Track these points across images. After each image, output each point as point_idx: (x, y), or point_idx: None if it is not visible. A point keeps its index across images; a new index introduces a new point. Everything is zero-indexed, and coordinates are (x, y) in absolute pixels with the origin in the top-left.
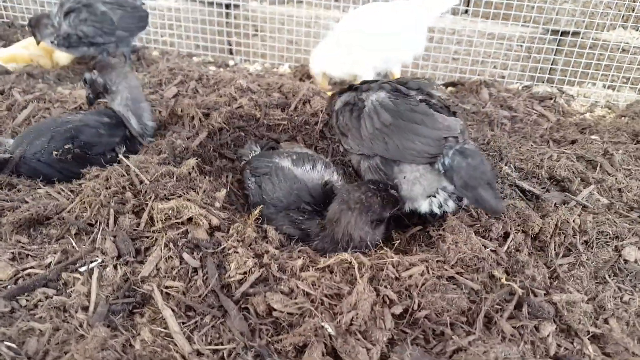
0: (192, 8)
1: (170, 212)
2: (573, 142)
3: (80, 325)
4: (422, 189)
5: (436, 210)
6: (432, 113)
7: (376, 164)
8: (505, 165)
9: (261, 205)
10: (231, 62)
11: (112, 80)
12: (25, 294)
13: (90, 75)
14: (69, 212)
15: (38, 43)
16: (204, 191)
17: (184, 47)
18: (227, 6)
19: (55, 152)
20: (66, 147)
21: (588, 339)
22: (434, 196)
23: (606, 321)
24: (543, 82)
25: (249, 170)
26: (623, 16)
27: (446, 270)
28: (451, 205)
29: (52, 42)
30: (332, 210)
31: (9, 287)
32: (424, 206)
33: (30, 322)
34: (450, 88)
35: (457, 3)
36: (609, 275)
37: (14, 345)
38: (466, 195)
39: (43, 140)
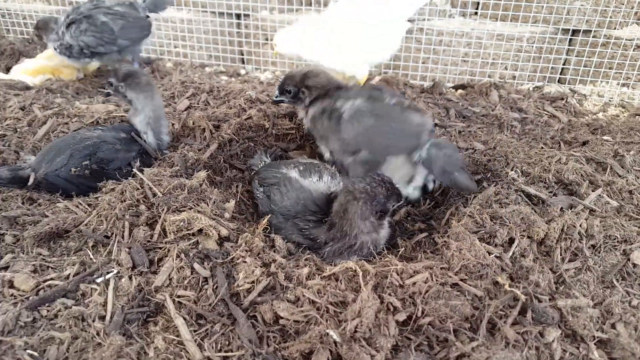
0: (203, 19)
1: (182, 223)
2: (584, 143)
3: (98, 334)
4: (401, 175)
5: (417, 193)
6: (406, 113)
7: (361, 159)
8: (512, 170)
9: (269, 215)
10: (242, 72)
11: (139, 100)
12: (46, 305)
13: (116, 83)
14: (86, 225)
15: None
16: (214, 202)
17: (197, 57)
18: (238, 16)
19: (73, 169)
20: (84, 164)
21: (594, 344)
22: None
23: (613, 326)
24: (555, 82)
25: (257, 181)
26: (636, 13)
27: (450, 277)
28: (430, 186)
29: (54, 49)
30: (338, 202)
31: (30, 298)
32: (409, 190)
33: (50, 331)
34: (460, 90)
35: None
36: (617, 280)
37: (35, 354)
38: (444, 179)
39: (63, 158)
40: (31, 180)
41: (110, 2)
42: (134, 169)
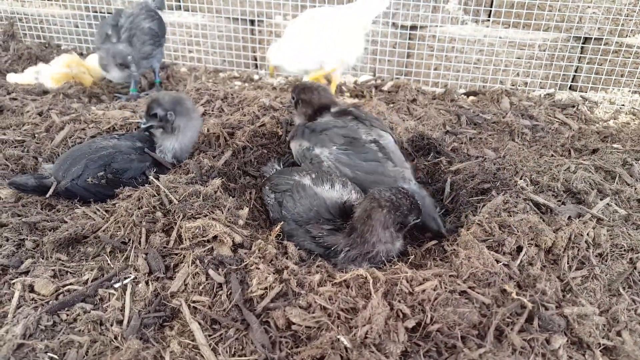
0: (218, 24)
1: (197, 230)
2: (594, 151)
3: (116, 338)
4: None
5: None
6: (384, 160)
7: None
8: (520, 179)
9: (281, 223)
10: (256, 77)
11: (185, 127)
12: (66, 309)
13: (163, 113)
14: (104, 231)
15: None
16: (228, 209)
17: (211, 62)
18: (252, 22)
19: (88, 180)
20: (99, 174)
21: (600, 351)
22: None
23: (619, 334)
24: (567, 89)
25: (268, 187)
26: None
27: (458, 284)
28: None
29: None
30: (362, 207)
31: (50, 302)
32: None
33: (70, 335)
34: (471, 97)
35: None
36: (623, 288)
37: (56, 357)
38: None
39: (78, 168)
40: (51, 191)
41: (131, 8)
42: (150, 177)
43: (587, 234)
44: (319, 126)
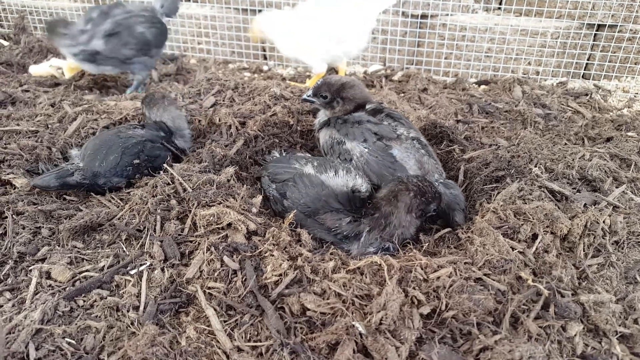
0: (227, 15)
1: (212, 218)
2: (609, 139)
3: (132, 324)
4: None
5: None
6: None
7: None
8: (535, 167)
9: (294, 210)
10: (265, 68)
11: (154, 113)
12: (82, 295)
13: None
14: (119, 219)
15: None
16: (242, 197)
17: (220, 54)
18: (261, 12)
19: (127, 167)
20: (135, 162)
21: (617, 339)
22: None
23: (636, 321)
24: (580, 78)
25: (267, 177)
26: None
27: (473, 272)
28: None
29: (74, 55)
30: (388, 189)
31: (67, 289)
32: None
33: (87, 320)
34: (483, 86)
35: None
36: None
37: (73, 342)
38: (443, 213)
39: (115, 157)
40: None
41: (132, 7)
42: (164, 165)
43: (603, 222)
44: (352, 117)
